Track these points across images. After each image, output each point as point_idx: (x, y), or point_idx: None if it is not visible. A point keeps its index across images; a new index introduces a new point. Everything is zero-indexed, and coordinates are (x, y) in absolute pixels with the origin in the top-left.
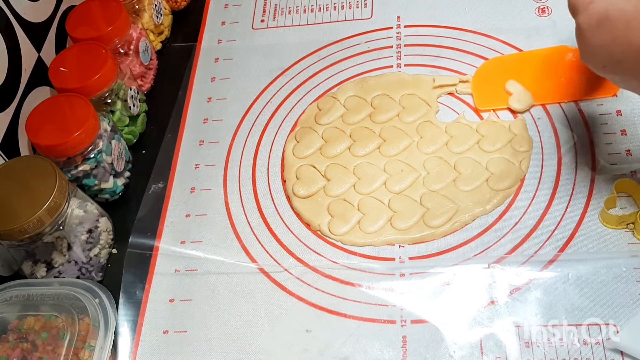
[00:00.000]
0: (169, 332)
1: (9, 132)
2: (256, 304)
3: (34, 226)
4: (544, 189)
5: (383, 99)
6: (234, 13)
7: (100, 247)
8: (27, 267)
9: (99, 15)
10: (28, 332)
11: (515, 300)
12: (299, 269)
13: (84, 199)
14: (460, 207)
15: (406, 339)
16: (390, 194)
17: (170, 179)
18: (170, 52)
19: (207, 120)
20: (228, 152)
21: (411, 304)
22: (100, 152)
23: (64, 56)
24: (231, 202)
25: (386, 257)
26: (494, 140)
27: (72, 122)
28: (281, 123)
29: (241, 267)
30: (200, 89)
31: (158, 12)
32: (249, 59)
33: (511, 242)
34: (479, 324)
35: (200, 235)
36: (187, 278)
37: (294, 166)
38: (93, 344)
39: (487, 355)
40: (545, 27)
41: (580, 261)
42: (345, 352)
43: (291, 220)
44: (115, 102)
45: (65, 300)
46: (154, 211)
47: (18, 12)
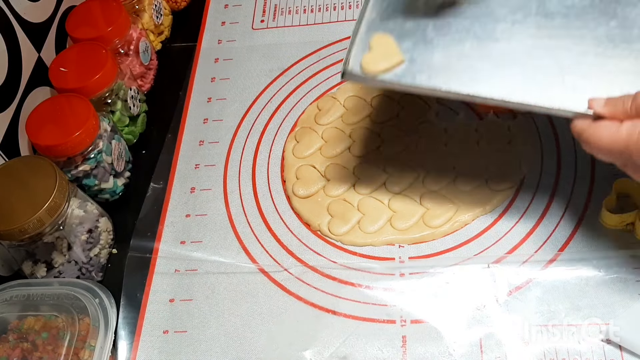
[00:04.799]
0: (169, 332)
1: (9, 132)
2: (256, 304)
3: (34, 226)
4: (543, 189)
5: (383, 99)
6: (234, 13)
7: (101, 247)
8: (27, 267)
9: (99, 15)
10: (28, 332)
11: (515, 300)
12: (298, 268)
13: (84, 199)
14: (460, 207)
15: (406, 338)
16: (390, 194)
17: (170, 179)
18: (170, 52)
19: (207, 120)
20: (228, 152)
21: (411, 303)
22: (100, 152)
23: (64, 56)
24: (231, 202)
25: (386, 257)
26: (494, 140)
27: (72, 122)
28: (281, 123)
29: (241, 267)
30: (200, 89)
31: (158, 12)
32: (249, 59)
33: (511, 242)
34: (479, 323)
35: (200, 235)
36: (187, 278)
37: (294, 166)
38: (93, 343)
39: (486, 355)
40: None
41: (580, 261)
42: (345, 351)
43: (291, 220)
44: (116, 102)
45: (65, 300)
46: (154, 211)
47: (18, 12)
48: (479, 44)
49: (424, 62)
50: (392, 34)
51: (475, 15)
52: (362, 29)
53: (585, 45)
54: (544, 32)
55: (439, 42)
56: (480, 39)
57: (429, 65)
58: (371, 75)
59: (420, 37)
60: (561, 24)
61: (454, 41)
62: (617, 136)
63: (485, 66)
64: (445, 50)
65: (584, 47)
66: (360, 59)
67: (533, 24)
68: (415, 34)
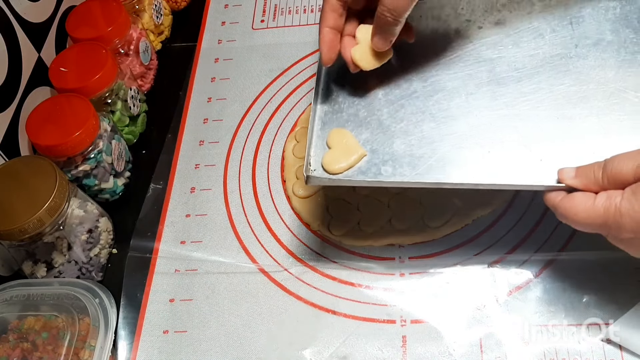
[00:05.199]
0: (169, 332)
1: (9, 132)
2: (256, 304)
3: (34, 226)
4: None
5: None
6: (234, 13)
7: (100, 247)
8: (27, 267)
9: (99, 15)
10: (28, 332)
11: (515, 300)
12: (298, 268)
13: (84, 199)
14: (460, 207)
15: (406, 338)
16: (390, 193)
17: (170, 179)
18: (170, 52)
19: (207, 120)
20: (228, 152)
21: (411, 303)
22: (100, 152)
23: (64, 56)
24: (231, 202)
25: (386, 257)
26: None
27: (72, 122)
28: (281, 123)
29: (241, 267)
30: (200, 89)
31: (158, 12)
32: (249, 59)
33: (511, 242)
34: (479, 323)
35: (200, 235)
36: (187, 278)
37: (294, 166)
38: (93, 343)
39: (486, 355)
40: None
41: (580, 261)
42: (345, 351)
43: (291, 220)
44: (116, 102)
45: (65, 300)
46: (154, 211)
47: (18, 12)
48: (436, 124)
49: (386, 152)
50: (348, 127)
51: (427, 92)
52: (317, 126)
53: (544, 109)
54: (500, 101)
55: (396, 128)
56: (437, 119)
57: (391, 155)
58: (335, 175)
59: (376, 126)
60: (515, 89)
61: (411, 124)
62: (593, 211)
63: (447, 148)
64: (405, 136)
65: (543, 112)
66: (320, 160)
67: (487, 94)
68: (371, 123)
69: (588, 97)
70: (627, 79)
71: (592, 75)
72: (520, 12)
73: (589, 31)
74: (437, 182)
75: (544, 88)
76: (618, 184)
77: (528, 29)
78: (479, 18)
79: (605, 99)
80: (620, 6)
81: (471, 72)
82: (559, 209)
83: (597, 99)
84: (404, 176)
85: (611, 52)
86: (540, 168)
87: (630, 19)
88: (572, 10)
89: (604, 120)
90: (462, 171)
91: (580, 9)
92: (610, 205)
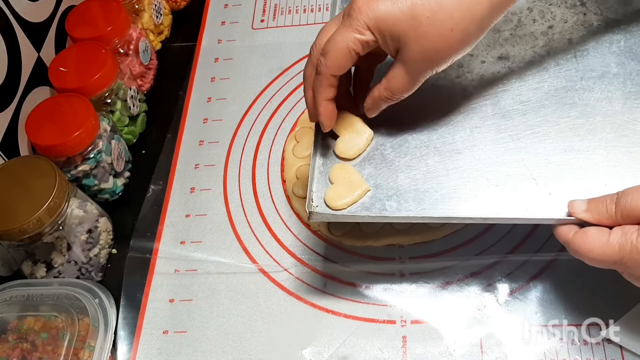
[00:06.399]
0: (168, 332)
1: (8, 132)
2: (256, 304)
3: (34, 226)
4: None
5: None
6: (234, 13)
7: (100, 247)
8: (27, 267)
9: (99, 15)
10: (28, 332)
11: (515, 300)
12: (298, 268)
13: (84, 199)
14: None
15: (406, 339)
16: None
17: (170, 179)
18: (170, 52)
19: (207, 120)
20: (228, 152)
21: (411, 303)
22: (100, 152)
23: (63, 56)
24: (231, 202)
25: (386, 257)
26: None
27: (72, 122)
28: (281, 123)
29: (241, 267)
30: (200, 89)
31: (158, 12)
32: (248, 59)
33: (511, 242)
34: (479, 323)
35: (200, 235)
36: (187, 278)
37: (294, 166)
38: (93, 344)
39: (487, 355)
40: None
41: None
42: (344, 351)
43: (291, 220)
44: (115, 102)
45: (65, 300)
46: (153, 211)
47: (18, 12)
48: (441, 158)
49: (390, 187)
50: (351, 161)
51: (430, 126)
52: (319, 161)
53: (551, 142)
54: (505, 134)
55: (400, 163)
56: (441, 153)
57: (396, 190)
58: (339, 211)
59: (380, 160)
60: (521, 122)
61: (415, 158)
62: (608, 248)
63: (453, 182)
64: (409, 170)
65: (550, 144)
66: (323, 196)
67: (493, 128)
68: (374, 157)
69: (595, 129)
70: (635, 110)
71: (598, 108)
72: (523, 47)
73: (593, 64)
74: (444, 216)
75: (550, 121)
76: (633, 219)
77: (532, 62)
78: (481, 52)
79: (613, 131)
80: (624, 39)
81: (475, 105)
82: (572, 244)
83: (604, 131)
84: (409, 211)
85: (617, 84)
86: (549, 201)
87: (636, 51)
88: (576, 44)
89: (613, 153)
90: (470, 205)
91: (584, 42)
92: (626, 242)
